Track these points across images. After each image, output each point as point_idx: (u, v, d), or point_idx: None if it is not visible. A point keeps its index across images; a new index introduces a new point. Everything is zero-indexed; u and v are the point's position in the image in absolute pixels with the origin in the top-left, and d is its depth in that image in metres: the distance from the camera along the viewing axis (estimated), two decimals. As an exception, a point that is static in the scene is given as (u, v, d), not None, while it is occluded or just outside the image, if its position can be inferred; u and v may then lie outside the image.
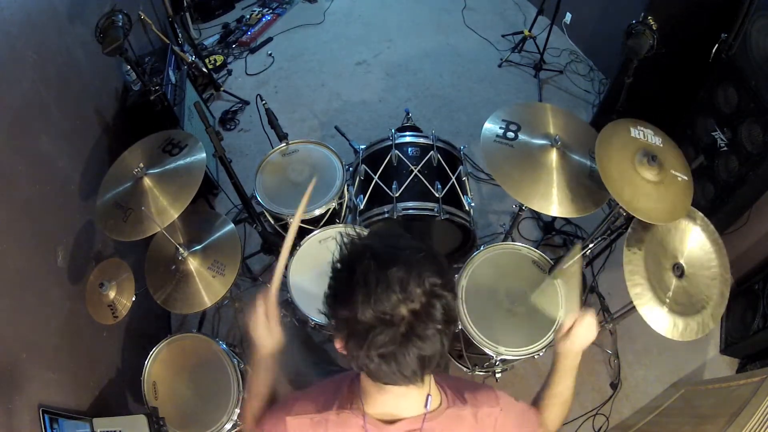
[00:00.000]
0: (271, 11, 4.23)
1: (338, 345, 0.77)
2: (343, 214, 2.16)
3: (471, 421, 0.89)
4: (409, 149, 2.17)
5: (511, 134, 1.76)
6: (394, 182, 2.04)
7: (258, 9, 4.25)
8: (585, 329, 1.05)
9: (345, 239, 0.78)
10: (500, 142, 1.75)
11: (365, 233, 0.84)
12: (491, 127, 1.79)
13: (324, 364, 1.91)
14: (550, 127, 1.80)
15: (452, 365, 2.11)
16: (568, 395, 1.07)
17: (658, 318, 1.47)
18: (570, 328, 1.05)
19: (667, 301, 1.48)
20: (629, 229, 1.58)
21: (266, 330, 1.00)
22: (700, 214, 1.62)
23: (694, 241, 1.62)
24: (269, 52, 3.86)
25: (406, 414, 0.84)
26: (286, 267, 1.81)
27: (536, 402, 1.09)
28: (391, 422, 0.84)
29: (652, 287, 1.49)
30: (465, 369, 2.02)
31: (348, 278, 0.73)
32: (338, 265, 0.77)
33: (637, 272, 1.51)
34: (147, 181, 1.61)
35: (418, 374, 0.75)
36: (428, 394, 0.84)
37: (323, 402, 0.89)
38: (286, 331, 1.14)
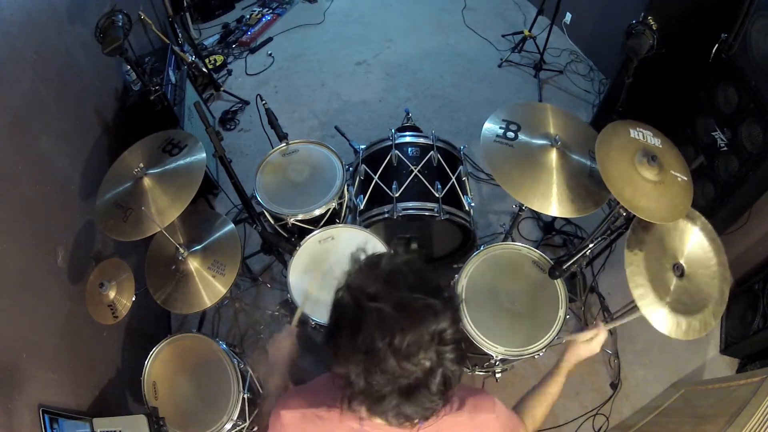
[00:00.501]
0: (271, 11, 4.23)
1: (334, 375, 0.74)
2: (343, 214, 2.16)
3: (468, 426, 0.89)
4: (409, 149, 2.17)
5: (511, 134, 1.76)
6: (394, 182, 2.04)
7: (258, 9, 4.25)
8: (598, 342, 1.19)
9: (353, 275, 0.73)
10: (500, 142, 1.75)
11: (378, 270, 0.73)
12: (491, 126, 1.78)
13: (324, 363, 1.91)
14: (550, 127, 1.80)
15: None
16: (554, 398, 1.16)
17: (661, 318, 1.47)
18: (590, 338, 1.17)
19: (669, 301, 1.48)
20: (629, 230, 1.58)
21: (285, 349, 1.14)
22: (698, 213, 1.62)
23: (694, 241, 1.62)
24: (269, 52, 3.86)
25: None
26: (286, 267, 1.81)
27: (527, 400, 1.15)
28: (387, 427, 0.83)
29: (654, 288, 1.49)
30: (465, 369, 2.02)
31: (351, 338, 0.68)
32: (342, 309, 0.72)
33: (639, 273, 1.51)
34: (147, 181, 1.61)
35: (403, 425, 0.75)
36: None
37: (316, 398, 0.89)
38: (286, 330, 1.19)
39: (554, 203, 1.67)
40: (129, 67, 2.28)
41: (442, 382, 0.69)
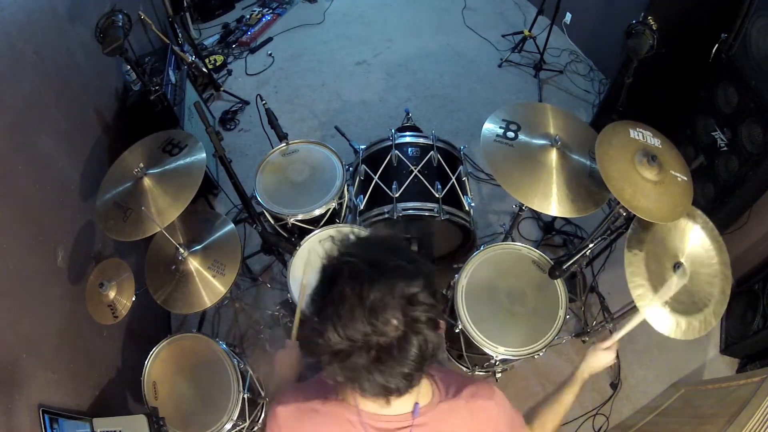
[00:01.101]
0: (271, 11, 4.23)
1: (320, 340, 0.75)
2: (343, 214, 2.16)
3: (464, 413, 0.88)
4: (409, 149, 2.17)
5: (511, 134, 1.77)
6: (394, 182, 2.04)
7: (258, 9, 4.26)
8: (611, 356, 1.20)
9: (336, 243, 0.76)
10: (500, 141, 1.75)
11: (357, 238, 0.79)
12: (491, 126, 1.79)
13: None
14: (551, 128, 1.80)
15: (452, 365, 2.11)
16: (568, 408, 1.16)
17: (660, 319, 1.47)
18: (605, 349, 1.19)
19: (669, 300, 1.48)
20: (629, 231, 1.58)
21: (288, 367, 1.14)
22: (699, 211, 1.62)
23: (695, 240, 1.61)
24: (269, 52, 3.86)
25: (397, 411, 0.83)
26: (286, 267, 1.81)
27: (540, 409, 1.14)
28: (382, 416, 0.83)
29: (653, 288, 1.49)
30: (465, 369, 2.02)
31: (324, 294, 0.71)
32: (321, 273, 0.75)
33: (639, 273, 1.51)
34: (147, 181, 1.61)
35: (379, 398, 0.74)
36: (416, 403, 0.83)
37: (311, 392, 0.89)
38: (285, 333, 1.19)
39: (554, 203, 1.67)
40: (129, 67, 2.28)
41: (417, 347, 0.69)
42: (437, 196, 2.02)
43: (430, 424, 0.84)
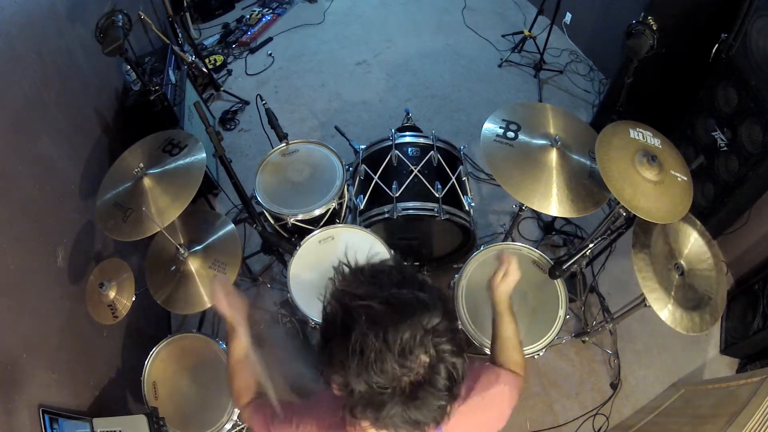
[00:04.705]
0: (271, 11, 4.23)
1: (335, 391, 0.71)
2: (343, 214, 2.16)
3: (482, 408, 0.90)
4: (409, 149, 2.17)
5: (511, 134, 1.76)
6: (394, 182, 2.04)
7: (258, 9, 4.25)
8: (514, 271, 1.15)
9: (337, 284, 0.71)
10: (500, 141, 1.75)
11: (361, 273, 0.72)
12: (491, 126, 1.79)
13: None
14: (551, 128, 1.80)
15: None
16: (516, 337, 1.13)
17: (678, 319, 1.53)
18: (504, 275, 1.15)
19: (679, 299, 1.52)
20: (632, 238, 1.60)
21: (224, 304, 1.08)
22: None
23: (688, 239, 1.66)
24: (269, 52, 3.86)
25: None
26: (286, 267, 1.81)
27: (495, 358, 1.13)
28: None
29: (665, 290, 1.53)
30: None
31: (342, 343, 0.66)
32: (330, 318, 0.70)
33: (650, 278, 1.54)
34: (147, 181, 1.61)
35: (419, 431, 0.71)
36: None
37: (327, 418, 0.86)
38: (285, 333, 1.17)
39: (554, 203, 1.67)
40: (129, 67, 2.28)
41: (447, 377, 0.67)
42: (437, 195, 2.02)
43: (451, 429, 0.82)
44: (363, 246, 1.82)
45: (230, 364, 1.11)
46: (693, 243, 1.67)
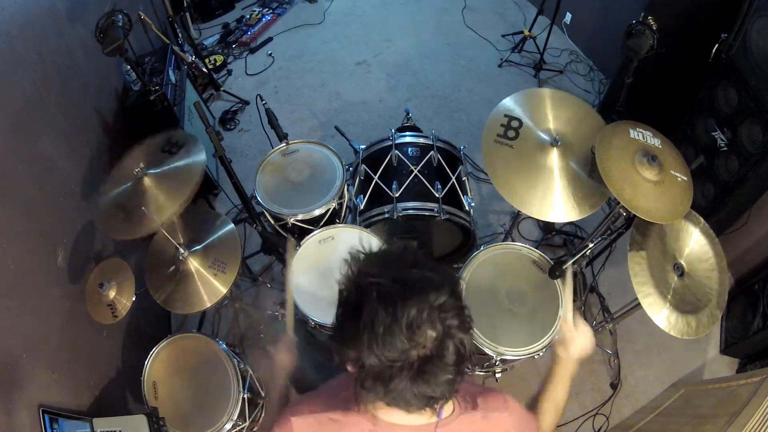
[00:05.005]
0: (271, 11, 4.23)
1: (348, 368, 0.74)
2: (343, 214, 2.16)
3: (482, 425, 0.89)
4: (409, 149, 2.17)
5: (512, 132, 1.76)
6: (394, 182, 2.04)
7: (258, 9, 4.25)
8: (582, 339, 1.09)
9: (352, 266, 0.74)
10: (500, 142, 1.75)
11: (374, 256, 0.77)
12: (492, 125, 1.78)
13: (327, 364, 1.91)
14: (551, 122, 1.78)
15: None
16: (562, 403, 1.09)
17: (673, 324, 1.50)
18: (568, 338, 1.09)
19: (676, 303, 1.50)
20: (629, 240, 1.59)
21: (286, 358, 1.15)
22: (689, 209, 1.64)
23: (689, 238, 1.64)
24: (269, 52, 3.86)
25: (416, 422, 0.82)
26: (286, 267, 1.81)
27: (531, 407, 1.10)
28: (402, 426, 0.82)
29: (661, 294, 1.52)
30: (465, 369, 2.02)
31: (354, 318, 0.69)
32: (344, 297, 0.73)
33: (646, 282, 1.52)
34: (147, 181, 1.61)
35: (425, 409, 0.74)
36: (441, 408, 0.82)
37: (329, 402, 0.88)
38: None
39: (553, 207, 1.67)
40: (129, 67, 2.28)
41: (455, 351, 0.69)
42: (437, 195, 2.02)
43: None
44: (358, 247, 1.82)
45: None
46: (695, 242, 1.64)
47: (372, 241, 0.77)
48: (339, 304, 0.75)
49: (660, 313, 1.51)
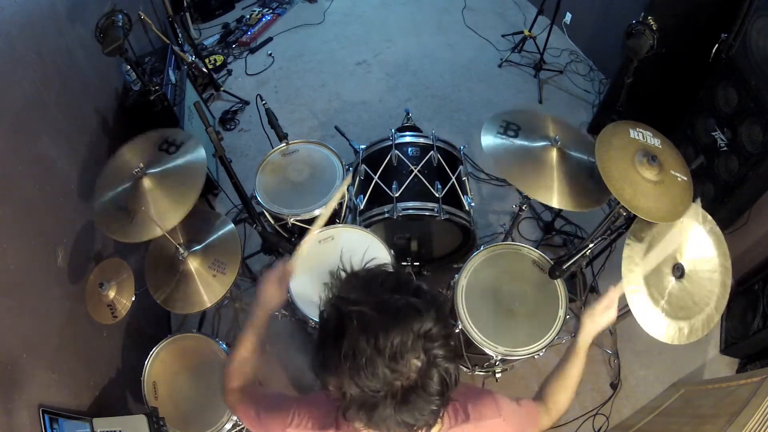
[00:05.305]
0: (271, 11, 4.23)
1: (331, 392, 0.72)
2: (343, 214, 2.16)
3: None
4: (409, 149, 2.17)
5: (511, 133, 1.77)
6: (394, 182, 2.04)
7: (258, 9, 4.25)
8: (614, 309, 1.14)
9: (333, 289, 0.72)
10: (502, 137, 1.75)
11: (355, 278, 0.74)
12: (491, 127, 1.79)
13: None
14: (550, 131, 1.80)
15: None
16: (577, 379, 1.10)
17: (662, 328, 1.47)
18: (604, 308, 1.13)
19: (668, 308, 1.48)
20: (627, 239, 1.57)
21: (274, 290, 1.10)
22: (694, 204, 1.61)
23: (692, 236, 1.60)
24: (269, 52, 3.86)
25: None
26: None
27: (548, 386, 1.10)
28: None
29: (654, 301, 1.48)
30: (465, 369, 2.02)
31: (335, 346, 0.67)
32: (324, 321, 0.71)
33: (638, 291, 1.48)
34: (147, 182, 1.60)
35: None
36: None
37: (321, 418, 0.87)
38: (287, 328, 1.16)
39: (556, 195, 1.67)
40: (129, 67, 2.28)
41: (440, 382, 0.67)
42: (437, 195, 2.02)
43: None
44: (362, 246, 1.82)
45: (239, 350, 1.08)
46: (700, 241, 1.60)
47: (354, 258, 0.75)
48: (319, 328, 0.72)
49: (651, 321, 1.47)
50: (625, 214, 1.69)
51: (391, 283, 0.72)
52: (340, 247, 1.83)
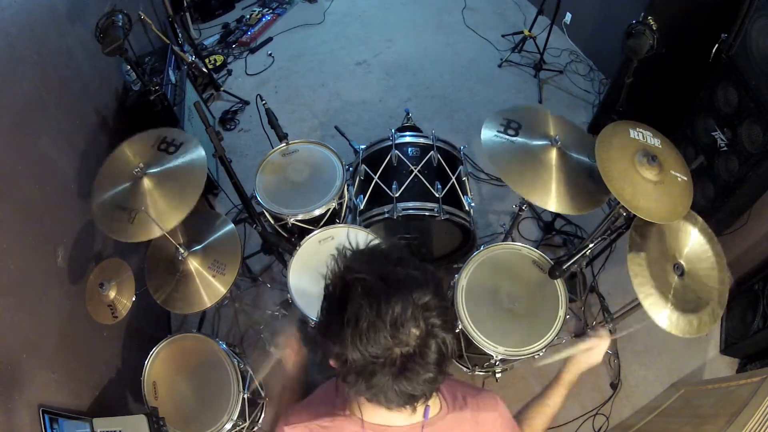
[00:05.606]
0: (271, 11, 4.23)
1: (332, 363, 0.75)
2: (343, 214, 2.16)
3: (471, 424, 0.89)
4: (409, 149, 2.17)
5: (511, 132, 1.77)
6: (394, 182, 2.04)
7: (258, 9, 4.25)
8: (600, 351, 1.18)
9: (338, 262, 0.74)
10: (501, 137, 1.75)
11: (360, 252, 0.77)
12: (491, 125, 1.79)
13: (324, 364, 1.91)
14: (551, 130, 1.80)
15: (452, 365, 2.11)
16: (557, 409, 1.14)
17: (675, 323, 1.50)
18: (589, 348, 1.18)
19: (677, 302, 1.50)
20: (628, 241, 1.58)
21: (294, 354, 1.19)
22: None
23: (688, 237, 1.64)
24: (269, 52, 3.86)
25: (402, 422, 0.83)
26: (286, 267, 1.81)
27: (527, 410, 1.13)
28: (389, 427, 0.83)
29: (662, 294, 1.51)
30: (465, 369, 2.02)
31: (338, 313, 0.70)
32: (329, 292, 0.74)
33: (646, 283, 1.52)
34: (147, 182, 1.60)
35: (406, 407, 0.75)
36: (427, 405, 0.82)
37: (318, 409, 0.89)
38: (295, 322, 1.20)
39: (553, 199, 1.67)
40: (129, 67, 2.28)
41: (437, 351, 0.69)
42: (437, 195, 2.02)
43: None
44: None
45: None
46: (694, 241, 1.64)
47: (359, 238, 0.78)
48: (324, 299, 0.75)
49: (661, 313, 1.50)
50: (625, 214, 1.69)
51: (394, 257, 0.75)
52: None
